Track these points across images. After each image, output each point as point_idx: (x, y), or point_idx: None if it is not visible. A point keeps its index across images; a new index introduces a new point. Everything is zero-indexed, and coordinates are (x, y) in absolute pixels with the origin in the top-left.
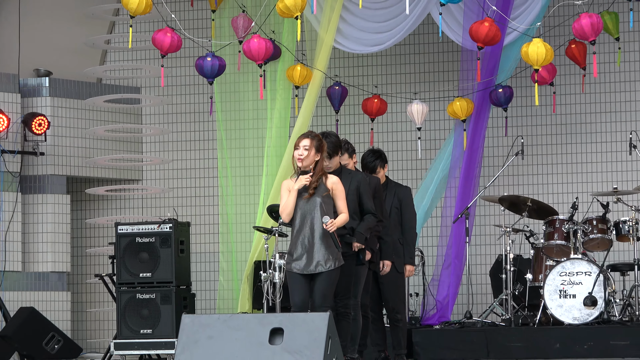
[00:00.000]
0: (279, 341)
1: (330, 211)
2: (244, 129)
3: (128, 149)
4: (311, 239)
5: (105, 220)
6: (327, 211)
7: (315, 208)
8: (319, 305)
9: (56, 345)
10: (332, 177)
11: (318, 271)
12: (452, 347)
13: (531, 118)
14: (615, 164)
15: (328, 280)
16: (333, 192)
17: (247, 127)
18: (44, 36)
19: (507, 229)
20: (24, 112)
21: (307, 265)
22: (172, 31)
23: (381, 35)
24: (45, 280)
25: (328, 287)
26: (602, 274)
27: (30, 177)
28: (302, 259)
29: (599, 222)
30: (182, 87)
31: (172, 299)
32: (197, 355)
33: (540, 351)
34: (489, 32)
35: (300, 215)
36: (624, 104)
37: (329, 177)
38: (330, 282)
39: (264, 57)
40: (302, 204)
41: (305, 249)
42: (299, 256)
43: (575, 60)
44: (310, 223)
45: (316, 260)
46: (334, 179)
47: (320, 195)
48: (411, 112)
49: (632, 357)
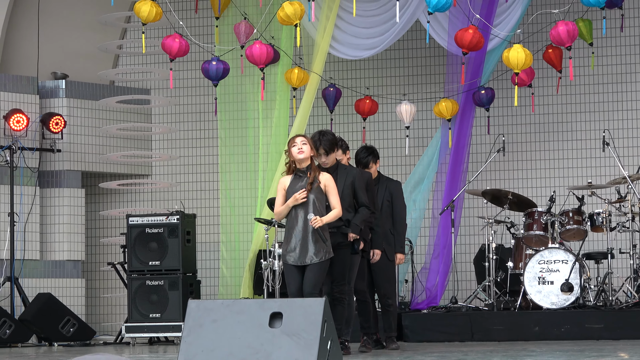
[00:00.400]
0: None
1: (322, 207)
2: (246, 128)
3: (138, 146)
4: (304, 233)
5: (117, 212)
6: (320, 207)
7: (308, 204)
8: (309, 293)
9: (71, 329)
10: (325, 174)
11: (309, 262)
12: (438, 330)
13: (512, 117)
14: (590, 160)
15: (318, 271)
16: (326, 188)
17: (249, 125)
18: (61, 42)
19: (490, 220)
20: (42, 112)
21: (300, 258)
22: (180, 37)
23: (372, 41)
24: (62, 268)
25: (318, 276)
26: (578, 262)
27: (48, 172)
28: (295, 252)
29: (575, 214)
30: (189, 89)
31: (179, 285)
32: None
33: (520, 334)
34: (473, 39)
35: (294, 211)
36: (598, 104)
37: (322, 174)
38: (321, 272)
39: (265, 61)
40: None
41: (299, 243)
42: (292, 249)
43: (552, 64)
44: (303, 218)
45: (308, 253)
46: (326, 176)
47: (314, 193)
48: (400, 112)
49: (606, 340)
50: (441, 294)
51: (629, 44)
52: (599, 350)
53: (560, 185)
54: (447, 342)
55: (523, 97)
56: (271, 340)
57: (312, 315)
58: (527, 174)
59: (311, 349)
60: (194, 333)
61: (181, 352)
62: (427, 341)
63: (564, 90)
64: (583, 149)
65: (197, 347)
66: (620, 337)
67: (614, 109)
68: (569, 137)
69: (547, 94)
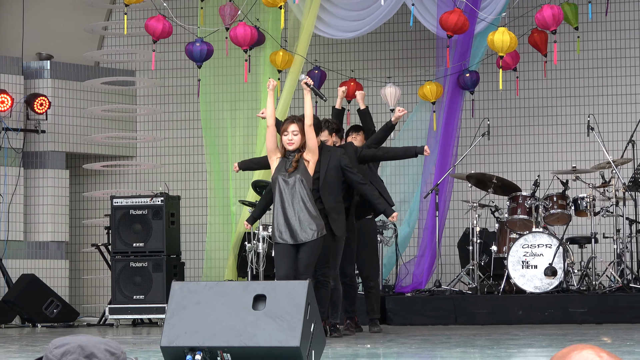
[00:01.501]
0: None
1: (309, 184)
2: (231, 110)
3: (123, 127)
4: (292, 212)
5: (102, 193)
6: (308, 185)
7: (295, 183)
8: (302, 274)
9: (55, 310)
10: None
11: (301, 241)
12: (422, 313)
13: (497, 102)
14: (574, 144)
15: (311, 251)
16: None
17: (234, 107)
18: (46, 23)
19: (474, 204)
20: (26, 92)
21: (291, 237)
22: (163, 18)
23: (358, 23)
24: (45, 249)
25: (311, 256)
26: (562, 247)
27: (32, 153)
28: (285, 231)
29: (559, 198)
30: (173, 71)
31: (163, 267)
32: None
33: (504, 317)
34: (458, 22)
35: (281, 190)
36: (583, 89)
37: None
38: (313, 252)
39: (249, 43)
40: (283, 179)
41: (289, 222)
42: (282, 228)
43: (537, 47)
44: (292, 198)
45: (299, 231)
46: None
47: (299, 172)
48: (385, 94)
49: (589, 324)
50: (427, 278)
51: (614, 29)
52: (582, 334)
53: (544, 169)
54: (430, 326)
55: (508, 82)
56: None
57: (296, 298)
58: (511, 158)
59: (294, 332)
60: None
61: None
62: (410, 324)
63: (549, 74)
64: (568, 134)
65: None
66: (603, 321)
67: (599, 94)
68: (553, 121)
69: (533, 78)
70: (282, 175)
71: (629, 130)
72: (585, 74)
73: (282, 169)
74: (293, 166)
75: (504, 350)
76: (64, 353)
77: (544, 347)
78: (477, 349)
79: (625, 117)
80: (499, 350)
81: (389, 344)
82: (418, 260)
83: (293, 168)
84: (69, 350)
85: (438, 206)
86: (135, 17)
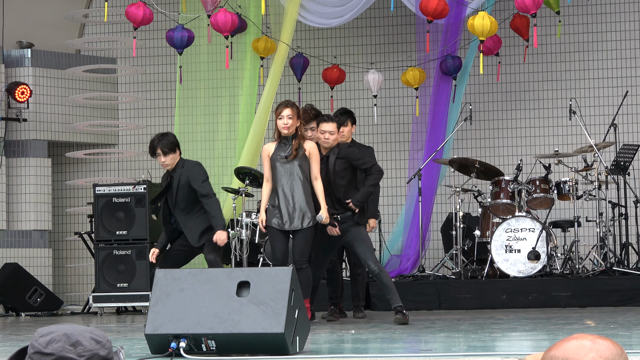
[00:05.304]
0: (246, 294)
1: (306, 173)
2: (214, 97)
3: (105, 115)
4: (290, 198)
5: (84, 181)
6: (305, 173)
7: (294, 170)
8: (297, 260)
9: (38, 299)
10: (310, 142)
11: (295, 228)
12: (406, 298)
13: (479, 86)
14: (556, 128)
15: (305, 237)
16: (310, 156)
17: (217, 95)
18: (27, 10)
19: (457, 189)
20: (7, 81)
21: (287, 223)
22: (144, 5)
23: (340, 9)
24: (28, 238)
25: (306, 243)
26: (545, 231)
27: (14, 142)
28: (281, 217)
29: (542, 183)
30: (155, 58)
31: (147, 255)
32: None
33: (487, 302)
34: (438, 6)
35: (280, 176)
36: (564, 73)
37: (307, 142)
38: (307, 239)
39: (230, 29)
40: (281, 165)
41: (285, 208)
42: (278, 213)
43: (519, 32)
44: (289, 184)
45: (294, 218)
46: (311, 144)
47: (298, 160)
48: (368, 80)
49: (573, 307)
50: (414, 264)
51: (595, 13)
52: (565, 317)
53: (527, 153)
54: (414, 311)
55: (490, 66)
56: (239, 309)
57: (280, 284)
58: (494, 142)
59: (279, 318)
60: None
61: (149, 321)
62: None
63: (530, 59)
64: (550, 118)
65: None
66: (587, 304)
67: (581, 78)
68: (535, 105)
69: (514, 62)
70: (280, 161)
71: (611, 114)
72: (566, 58)
73: (279, 154)
74: (293, 154)
75: (487, 335)
76: (50, 341)
77: (527, 331)
78: (461, 333)
79: (607, 101)
80: (483, 334)
81: (373, 330)
82: (405, 246)
83: (293, 156)
84: (55, 338)
85: (420, 191)
86: (116, 5)
